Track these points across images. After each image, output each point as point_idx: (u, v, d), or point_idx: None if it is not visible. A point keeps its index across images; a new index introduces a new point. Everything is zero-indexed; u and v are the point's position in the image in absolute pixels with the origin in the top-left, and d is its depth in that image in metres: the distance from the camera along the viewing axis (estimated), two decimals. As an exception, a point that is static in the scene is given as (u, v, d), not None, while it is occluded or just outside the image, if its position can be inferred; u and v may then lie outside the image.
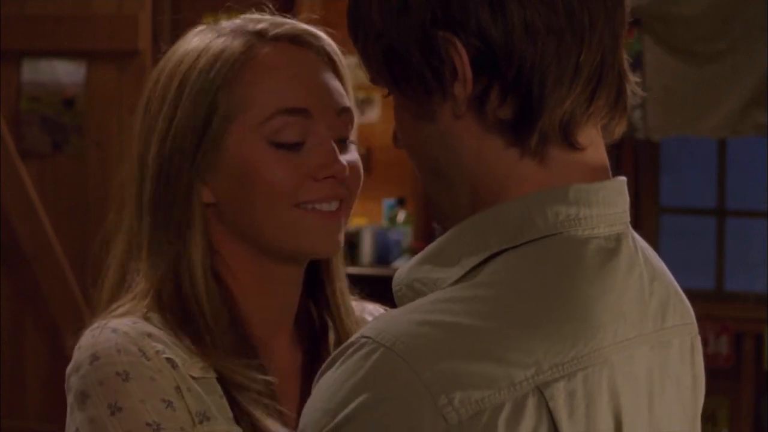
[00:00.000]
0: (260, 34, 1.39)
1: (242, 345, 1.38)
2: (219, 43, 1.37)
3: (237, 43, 1.37)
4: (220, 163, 1.36)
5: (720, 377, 5.10)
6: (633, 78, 1.15)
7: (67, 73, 4.69)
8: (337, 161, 1.37)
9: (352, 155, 1.40)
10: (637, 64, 5.00)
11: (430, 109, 1.12)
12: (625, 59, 1.14)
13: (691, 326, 1.23)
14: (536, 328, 1.05)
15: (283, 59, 1.38)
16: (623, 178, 1.16)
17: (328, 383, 1.04)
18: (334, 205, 1.38)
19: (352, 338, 1.06)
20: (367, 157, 6.09)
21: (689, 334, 1.22)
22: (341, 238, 1.40)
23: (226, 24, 1.41)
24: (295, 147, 1.36)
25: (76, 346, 1.35)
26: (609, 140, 1.16)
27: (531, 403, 1.02)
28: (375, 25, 1.13)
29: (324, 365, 1.07)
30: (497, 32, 1.07)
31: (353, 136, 1.42)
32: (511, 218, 1.10)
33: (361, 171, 1.42)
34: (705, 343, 5.10)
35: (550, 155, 1.10)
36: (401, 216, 6.02)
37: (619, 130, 1.15)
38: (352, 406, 1.01)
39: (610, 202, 1.13)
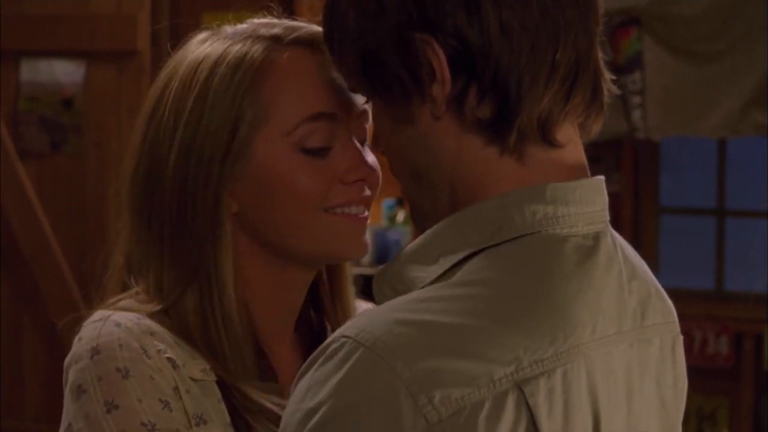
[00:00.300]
0: (278, 39, 1.35)
1: (261, 361, 1.36)
2: (237, 49, 1.34)
3: (256, 49, 1.34)
4: (245, 172, 1.33)
5: (720, 377, 5.09)
6: (608, 76, 1.16)
7: (65, 73, 4.68)
8: (366, 163, 1.35)
9: (371, 157, 1.39)
10: (637, 64, 5.00)
11: (409, 112, 1.13)
12: (601, 58, 1.15)
13: (672, 325, 1.23)
14: (516, 326, 1.05)
15: (304, 64, 1.35)
16: (601, 177, 1.17)
17: (308, 383, 1.04)
18: (361, 209, 1.36)
19: (332, 337, 1.06)
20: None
21: (671, 332, 1.23)
22: (367, 240, 1.38)
23: (235, 29, 1.38)
24: (322, 152, 1.33)
25: (77, 337, 1.32)
26: (585, 138, 1.17)
27: (510, 400, 1.03)
28: (350, 30, 1.14)
29: (305, 365, 1.07)
30: (473, 32, 1.08)
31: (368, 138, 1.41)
32: (489, 217, 1.10)
33: (380, 173, 1.40)
34: (705, 344, 5.12)
35: (529, 153, 1.12)
36: (400, 216, 6.01)
37: (596, 128, 1.17)
38: (332, 406, 1.01)
39: (588, 200, 1.14)
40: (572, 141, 1.15)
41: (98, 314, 1.33)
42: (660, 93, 5.02)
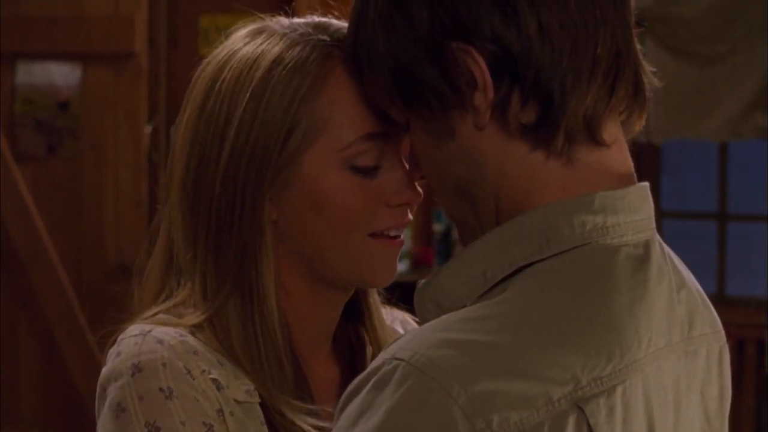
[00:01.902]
0: (336, 47, 1.30)
1: (300, 381, 1.32)
2: (296, 52, 1.29)
3: (316, 56, 1.29)
4: (291, 182, 1.29)
5: (721, 383, 5.07)
6: (648, 67, 1.14)
7: (62, 75, 4.66)
8: (412, 187, 1.31)
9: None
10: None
11: (449, 126, 1.10)
12: (639, 49, 1.13)
13: (719, 335, 1.21)
14: (571, 343, 1.02)
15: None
16: (646, 184, 1.15)
17: (360, 407, 1.01)
18: (401, 232, 1.33)
19: (382, 358, 1.03)
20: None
21: (717, 342, 1.20)
22: (397, 265, 1.34)
23: (291, 26, 1.32)
24: (372, 171, 1.30)
25: (114, 351, 1.27)
26: (629, 136, 1.14)
27: (571, 421, 1.01)
28: (380, 48, 1.11)
29: (353, 386, 1.04)
30: (512, 35, 1.06)
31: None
32: (535, 229, 1.07)
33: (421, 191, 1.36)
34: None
35: (575, 156, 1.09)
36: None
37: (640, 124, 1.14)
38: (388, 431, 0.99)
39: (636, 208, 1.11)
40: (618, 141, 1.12)
41: (137, 328, 1.28)
42: (661, 96, 5.01)
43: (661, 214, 5.50)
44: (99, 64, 4.62)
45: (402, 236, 1.33)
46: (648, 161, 5.42)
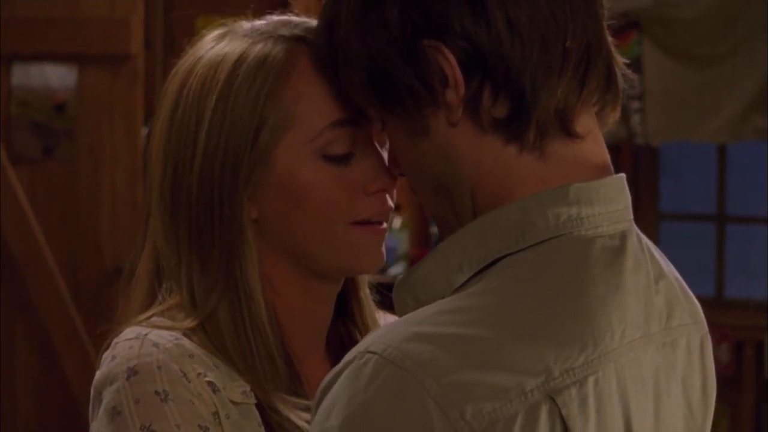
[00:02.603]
0: (299, 41, 1.32)
1: (293, 378, 1.32)
2: (258, 49, 1.30)
3: (278, 51, 1.30)
4: (267, 178, 1.30)
5: (720, 385, 5.04)
6: (621, 61, 1.14)
7: (58, 77, 4.65)
8: (388, 173, 1.32)
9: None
10: (637, 68, 4.97)
11: (423, 123, 1.11)
12: (611, 41, 1.14)
13: (700, 325, 1.21)
14: (544, 334, 1.03)
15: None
16: (622, 175, 1.15)
17: (336, 398, 1.02)
18: (384, 218, 1.34)
19: (355, 351, 1.04)
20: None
21: (698, 332, 1.20)
22: (384, 250, 1.35)
23: (253, 26, 1.34)
24: (345, 158, 1.31)
25: (109, 354, 1.28)
26: (604, 129, 1.15)
27: (543, 411, 1.01)
28: (354, 48, 1.12)
29: (327, 379, 1.04)
30: (482, 32, 1.07)
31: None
32: (511, 222, 1.08)
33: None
34: (706, 351, 5.09)
35: (549, 149, 1.10)
36: (397, 222, 5.97)
37: (614, 116, 1.15)
38: (362, 425, 0.99)
39: (612, 199, 1.12)
40: (592, 133, 1.13)
41: (132, 331, 1.29)
42: (659, 97, 5.00)
43: (659, 216, 5.49)
44: (95, 66, 4.61)
45: (386, 225, 1.34)
46: (647, 163, 5.41)
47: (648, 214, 5.43)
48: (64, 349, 4.56)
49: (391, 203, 1.34)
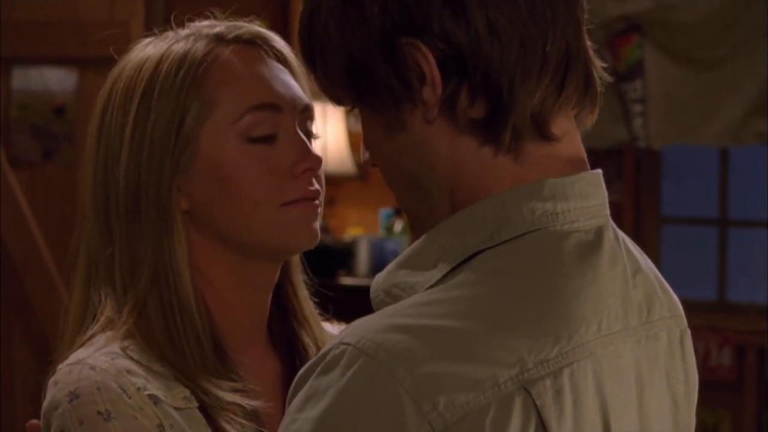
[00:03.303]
0: (219, 37, 1.38)
1: (224, 362, 1.35)
2: (179, 47, 1.36)
3: (199, 46, 1.37)
4: (194, 168, 1.36)
5: (722, 390, 5.06)
6: (599, 64, 1.15)
7: (57, 80, 4.65)
8: (312, 153, 1.38)
9: (316, 150, 1.41)
10: (638, 72, 4.96)
11: (400, 119, 1.11)
12: (590, 45, 1.14)
13: (679, 319, 1.21)
14: (518, 326, 1.04)
15: (246, 58, 1.38)
16: (599, 170, 1.16)
17: (308, 392, 1.02)
18: (313, 197, 1.38)
19: (331, 343, 1.04)
20: (363, 166, 6.02)
21: (678, 326, 1.21)
22: (318, 227, 1.39)
23: (177, 32, 1.40)
24: (268, 140, 1.36)
25: (51, 381, 1.32)
26: (582, 130, 1.15)
27: (517, 402, 1.02)
28: (332, 40, 1.12)
29: (302, 372, 1.05)
30: (461, 32, 1.07)
31: (315, 130, 1.44)
32: (487, 217, 1.09)
33: (322, 167, 1.41)
34: (707, 355, 5.07)
35: (525, 150, 1.10)
36: (398, 226, 5.96)
37: (592, 118, 1.15)
38: (335, 415, 1.00)
39: (587, 194, 1.12)
40: (569, 134, 1.13)
41: (73, 357, 1.33)
42: (661, 101, 4.99)
43: (661, 220, 5.48)
44: (95, 69, 4.61)
45: (317, 202, 1.38)
46: (648, 167, 5.40)
47: (650, 217, 5.42)
48: (61, 354, 4.55)
49: (317, 186, 1.38)
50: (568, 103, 1.12)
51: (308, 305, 1.48)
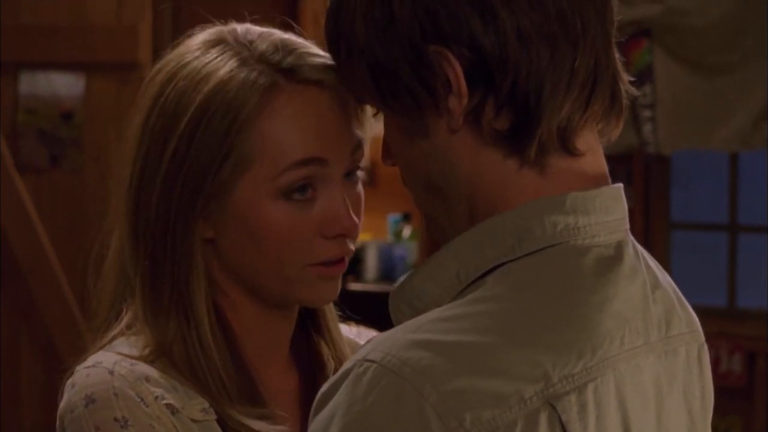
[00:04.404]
0: (286, 73, 1.29)
1: (248, 387, 1.32)
2: (238, 79, 1.27)
3: (259, 85, 1.28)
4: (226, 208, 1.29)
5: (733, 396, 5.04)
6: (626, 77, 1.13)
7: (65, 85, 4.64)
8: (348, 218, 1.31)
9: (358, 188, 1.34)
10: (648, 77, 4.95)
11: (423, 125, 1.10)
12: (618, 58, 1.12)
13: (697, 334, 1.21)
14: (541, 341, 1.03)
15: (301, 106, 1.29)
16: (620, 185, 1.15)
17: (335, 407, 1.01)
18: (340, 258, 1.33)
19: (354, 359, 1.03)
20: (371, 171, 6.03)
21: (696, 342, 1.21)
22: (340, 283, 1.35)
23: (245, 40, 1.31)
24: (306, 200, 1.30)
25: (69, 382, 1.30)
26: (605, 143, 1.15)
27: (543, 418, 1.01)
28: (359, 40, 1.11)
29: (324, 389, 1.04)
30: (490, 42, 1.05)
31: (363, 161, 1.37)
32: (508, 230, 1.08)
33: (363, 202, 1.35)
34: (717, 362, 5.05)
35: (549, 164, 1.09)
36: (407, 231, 5.95)
37: (616, 133, 1.14)
38: None
39: (608, 209, 1.12)
40: (592, 149, 1.12)
41: (91, 359, 1.30)
42: (671, 106, 4.98)
43: (670, 226, 5.46)
44: (102, 74, 4.60)
45: (345, 261, 1.33)
46: (658, 172, 5.38)
47: (659, 223, 5.41)
48: (69, 357, 4.54)
49: (351, 246, 1.33)
50: (593, 118, 1.11)
51: (331, 316, 1.45)
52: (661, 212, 5.43)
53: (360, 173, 1.36)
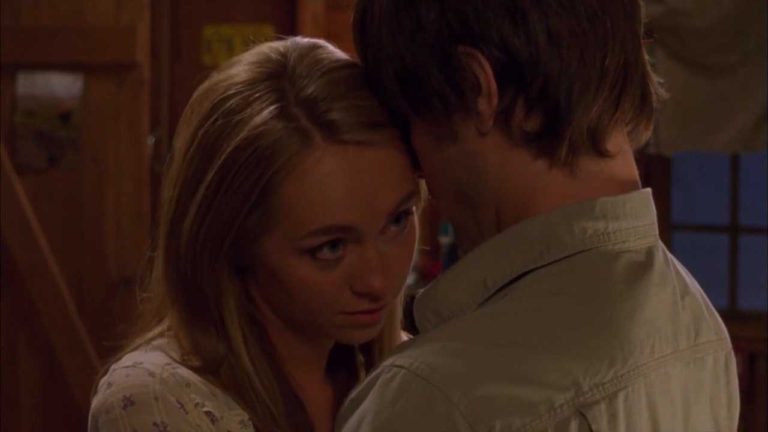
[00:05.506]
0: (322, 126, 1.21)
1: (288, 401, 1.29)
2: (272, 132, 1.20)
3: (291, 139, 1.20)
4: (255, 253, 1.25)
5: (734, 399, 5.02)
6: (656, 78, 1.13)
7: (63, 86, 4.63)
8: (377, 278, 1.24)
9: (403, 234, 1.27)
10: (648, 77, 4.93)
11: (452, 130, 1.09)
12: (648, 60, 1.12)
13: (724, 342, 1.20)
14: (572, 348, 1.02)
15: (335, 167, 1.21)
16: (648, 189, 1.14)
17: (363, 413, 1.01)
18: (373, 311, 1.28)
19: (383, 365, 1.02)
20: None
21: (723, 350, 1.19)
22: (379, 326, 1.30)
23: (289, 71, 1.23)
24: (336, 257, 1.24)
25: (105, 381, 1.26)
26: (635, 146, 1.13)
27: (573, 426, 1.00)
28: (385, 47, 1.10)
29: (353, 395, 1.03)
30: (520, 42, 1.04)
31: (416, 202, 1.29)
32: (536, 236, 1.07)
33: (413, 252, 1.29)
34: (718, 364, 5.05)
35: (579, 165, 1.08)
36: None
37: (646, 135, 1.13)
38: None
39: (638, 214, 1.10)
40: (623, 151, 1.11)
41: (129, 358, 1.27)
42: (672, 107, 4.96)
43: (671, 227, 5.44)
44: (101, 74, 4.60)
45: (382, 306, 1.27)
46: (658, 173, 5.37)
47: (660, 225, 5.33)
48: (67, 360, 4.54)
49: (380, 302, 1.26)
50: (623, 119, 1.10)
51: (391, 320, 1.39)
52: (662, 214, 5.41)
53: (410, 216, 1.28)
